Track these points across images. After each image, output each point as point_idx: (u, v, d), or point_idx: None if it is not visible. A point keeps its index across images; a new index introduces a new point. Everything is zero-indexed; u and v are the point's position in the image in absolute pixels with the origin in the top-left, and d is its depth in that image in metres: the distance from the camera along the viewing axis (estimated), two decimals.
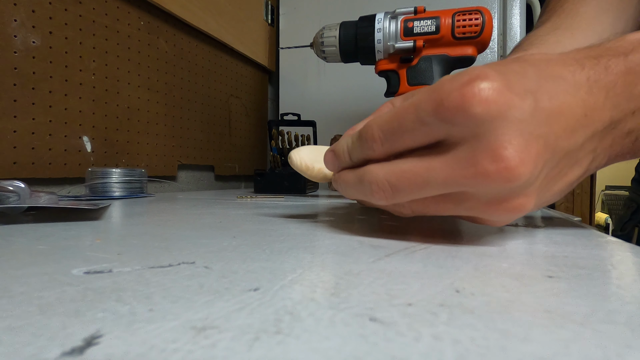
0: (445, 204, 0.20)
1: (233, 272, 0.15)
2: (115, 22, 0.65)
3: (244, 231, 0.25)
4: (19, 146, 0.50)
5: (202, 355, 0.08)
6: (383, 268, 0.16)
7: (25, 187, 0.32)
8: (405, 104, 0.19)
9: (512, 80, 0.17)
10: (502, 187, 0.17)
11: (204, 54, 0.87)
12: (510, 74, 0.17)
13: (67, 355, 0.08)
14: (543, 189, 0.19)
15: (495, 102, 0.16)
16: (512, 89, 0.16)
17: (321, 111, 1.01)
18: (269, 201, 0.52)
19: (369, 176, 0.20)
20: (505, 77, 0.17)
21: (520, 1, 0.89)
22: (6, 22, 0.49)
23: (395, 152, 0.20)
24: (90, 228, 0.26)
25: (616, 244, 0.22)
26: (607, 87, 0.18)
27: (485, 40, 0.48)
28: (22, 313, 0.10)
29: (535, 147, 0.17)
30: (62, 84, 0.56)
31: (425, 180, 0.18)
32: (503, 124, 0.16)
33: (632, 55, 0.18)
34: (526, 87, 0.17)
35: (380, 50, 0.52)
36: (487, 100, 0.16)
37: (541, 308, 0.11)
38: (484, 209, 0.19)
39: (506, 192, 0.17)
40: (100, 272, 0.15)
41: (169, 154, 0.77)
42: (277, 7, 1.09)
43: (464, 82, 0.16)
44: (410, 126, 0.18)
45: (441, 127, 0.17)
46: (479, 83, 0.16)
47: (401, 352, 0.08)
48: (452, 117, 0.17)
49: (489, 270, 0.16)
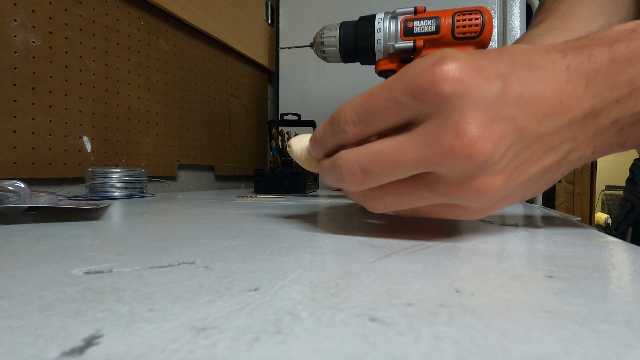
0: (418, 191, 0.20)
1: (233, 272, 0.15)
2: (115, 22, 0.65)
3: (244, 231, 0.25)
4: (19, 146, 0.50)
5: (202, 355, 0.08)
6: (383, 268, 0.16)
7: (25, 187, 0.32)
8: (378, 85, 0.19)
9: (483, 64, 0.17)
10: (466, 164, 0.17)
11: (204, 54, 0.87)
12: (482, 59, 0.18)
13: (67, 355, 0.08)
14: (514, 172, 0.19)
15: (462, 82, 0.17)
16: (481, 71, 0.17)
17: (321, 111, 1.01)
18: (269, 201, 0.52)
19: (339, 160, 0.21)
20: (476, 60, 0.17)
21: (520, 1, 0.89)
22: (6, 22, 0.49)
23: (368, 135, 0.20)
24: (90, 228, 0.26)
25: (616, 244, 0.22)
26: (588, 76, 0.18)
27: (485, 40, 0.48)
28: (22, 313, 0.10)
29: (500, 126, 0.17)
30: (62, 84, 0.56)
31: (395, 161, 0.18)
32: (469, 102, 0.17)
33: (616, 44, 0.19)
34: (497, 71, 0.17)
35: (380, 50, 0.52)
36: (454, 79, 0.16)
37: (541, 308, 0.11)
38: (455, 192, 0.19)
39: (472, 171, 0.18)
40: (100, 272, 0.15)
41: (169, 154, 0.77)
42: (277, 7, 1.10)
43: (434, 62, 0.17)
44: (382, 104, 0.18)
45: (412, 105, 0.18)
46: (448, 63, 0.17)
47: (401, 352, 0.08)
48: (422, 95, 0.17)
49: (489, 270, 0.16)
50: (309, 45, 0.58)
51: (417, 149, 0.18)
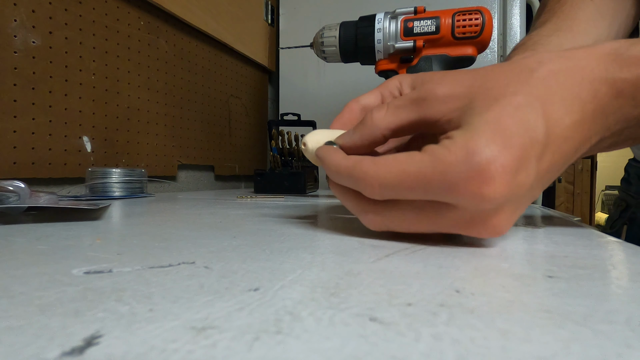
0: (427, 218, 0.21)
1: (233, 272, 0.15)
2: (115, 22, 0.65)
3: (244, 231, 0.25)
4: (19, 146, 0.50)
5: (202, 355, 0.08)
6: (383, 268, 0.16)
7: (25, 187, 0.32)
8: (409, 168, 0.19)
9: (522, 158, 0.17)
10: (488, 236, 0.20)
11: (204, 54, 0.87)
12: (520, 150, 0.17)
13: (67, 355, 0.08)
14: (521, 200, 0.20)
15: (502, 194, 0.17)
16: (519, 173, 0.17)
17: (321, 111, 1.01)
18: (269, 201, 0.52)
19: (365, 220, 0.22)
20: (516, 157, 0.17)
21: (520, 1, 0.89)
22: (6, 22, 0.49)
23: None
24: (90, 228, 0.26)
25: (616, 244, 0.22)
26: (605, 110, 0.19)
27: (485, 40, 0.48)
28: (22, 313, 0.10)
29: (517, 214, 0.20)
30: (62, 84, 0.56)
31: None
32: (503, 204, 0.18)
33: None
34: (530, 167, 0.18)
35: (380, 50, 0.52)
36: (495, 191, 0.17)
37: (541, 308, 0.11)
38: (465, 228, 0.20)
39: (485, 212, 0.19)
40: (100, 272, 0.15)
41: (169, 154, 0.77)
42: (277, 7, 1.09)
43: (477, 169, 0.17)
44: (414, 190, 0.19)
45: (444, 199, 0.18)
46: (491, 171, 0.17)
47: (401, 352, 0.08)
48: (459, 197, 0.18)
49: (489, 270, 0.16)
50: (309, 45, 0.58)
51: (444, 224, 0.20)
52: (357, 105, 0.28)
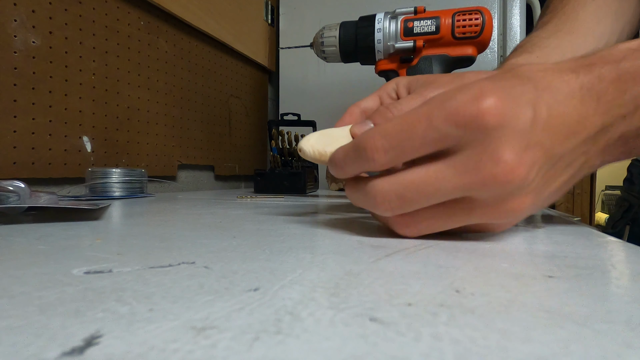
0: (455, 215, 0.21)
1: (233, 272, 0.15)
2: (115, 22, 0.65)
3: (244, 231, 0.25)
4: (19, 146, 0.50)
5: (202, 355, 0.08)
6: (383, 268, 0.16)
7: (25, 187, 0.32)
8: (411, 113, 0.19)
9: (515, 93, 0.18)
10: (504, 189, 0.19)
11: (204, 54, 0.87)
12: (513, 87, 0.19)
13: (67, 355, 0.08)
14: (540, 190, 0.20)
15: (503, 115, 0.18)
16: (516, 102, 0.18)
17: (321, 111, 1.01)
18: (269, 201, 0.52)
19: (373, 189, 0.21)
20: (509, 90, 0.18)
21: (520, 1, 0.89)
22: (6, 22, 0.49)
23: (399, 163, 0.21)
24: (90, 228, 0.26)
25: (616, 244, 0.22)
26: (599, 95, 0.19)
27: (485, 40, 0.48)
28: (22, 313, 0.10)
29: (533, 151, 0.18)
30: (62, 84, 0.56)
31: (435, 188, 0.19)
32: (507, 132, 0.18)
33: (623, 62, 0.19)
34: (526, 99, 0.18)
35: (380, 50, 0.52)
36: (497, 113, 0.18)
37: (541, 308, 0.11)
38: (490, 214, 0.20)
39: (507, 193, 0.19)
40: (100, 272, 0.15)
41: (169, 154, 0.77)
42: (277, 7, 1.09)
43: (477, 95, 0.18)
44: (421, 133, 0.19)
45: (453, 134, 0.18)
46: (490, 96, 0.18)
47: (401, 352, 0.08)
48: (465, 125, 0.18)
49: (489, 270, 0.16)
50: (309, 45, 0.59)
51: (458, 176, 0.19)
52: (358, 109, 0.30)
